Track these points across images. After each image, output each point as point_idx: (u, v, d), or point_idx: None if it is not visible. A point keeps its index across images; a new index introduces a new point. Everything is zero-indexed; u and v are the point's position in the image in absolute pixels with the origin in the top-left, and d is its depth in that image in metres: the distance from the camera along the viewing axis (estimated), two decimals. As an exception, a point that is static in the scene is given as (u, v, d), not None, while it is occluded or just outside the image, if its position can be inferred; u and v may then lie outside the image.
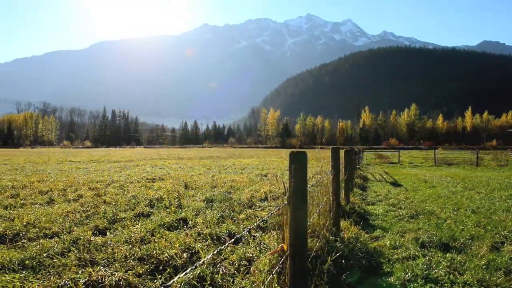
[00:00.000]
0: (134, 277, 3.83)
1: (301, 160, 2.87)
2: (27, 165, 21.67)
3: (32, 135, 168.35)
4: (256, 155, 43.50)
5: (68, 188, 10.63)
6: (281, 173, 15.97)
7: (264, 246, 4.77)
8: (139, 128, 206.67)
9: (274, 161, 27.40)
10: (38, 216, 6.56)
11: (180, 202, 8.24)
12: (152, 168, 19.63)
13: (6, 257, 4.33)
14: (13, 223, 6.05)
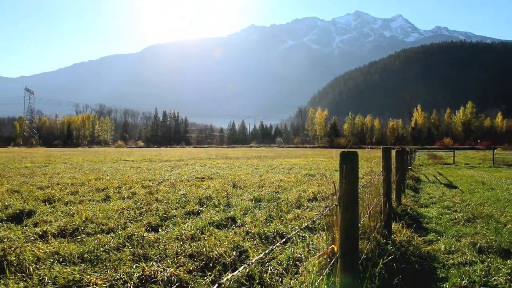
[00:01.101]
0: (185, 273, 3.92)
1: (353, 160, 2.80)
2: (85, 164, 22.85)
3: (89, 135, 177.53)
4: (304, 155, 43.21)
5: (123, 186, 11.10)
6: (329, 173, 15.76)
7: (313, 247, 4.72)
8: (188, 128, 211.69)
9: (321, 161, 27.08)
10: (96, 212, 6.90)
11: (229, 201, 8.35)
12: (201, 167, 20.04)
13: (66, 250, 4.59)
14: (73, 218, 6.40)
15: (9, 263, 4.12)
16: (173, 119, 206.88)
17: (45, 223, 6.19)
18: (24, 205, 7.65)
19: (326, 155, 39.46)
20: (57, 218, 6.53)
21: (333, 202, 3.55)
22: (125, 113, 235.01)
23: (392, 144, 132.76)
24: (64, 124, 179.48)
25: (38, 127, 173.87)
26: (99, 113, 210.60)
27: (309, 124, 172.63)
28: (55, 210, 7.37)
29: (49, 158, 30.40)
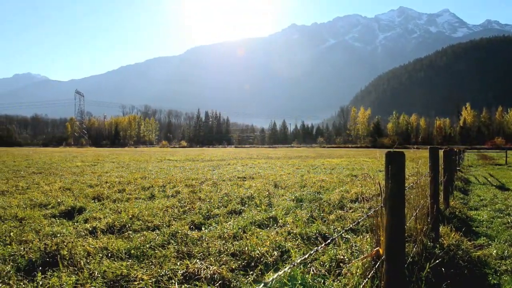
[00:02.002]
0: (227, 271, 3.96)
1: (399, 161, 2.72)
2: (131, 163, 23.65)
3: (135, 135, 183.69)
4: (346, 155, 42.51)
5: (167, 184, 11.39)
6: (372, 174, 15.40)
7: (356, 249, 4.64)
8: (230, 128, 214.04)
9: (364, 161, 26.53)
10: (142, 210, 7.13)
11: (270, 200, 8.36)
12: (242, 167, 20.19)
13: (115, 246, 4.77)
14: (120, 215, 6.64)
15: (62, 257, 4.33)
16: (215, 119, 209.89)
17: (95, 219, 6.47)
18: (75, 202, 8.03)
19: (369, 155, 38.61)
20: (105, 215, 6.81)
21: (378, 204, 3.46)
22: (169, 114, 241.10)
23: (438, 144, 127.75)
24: (111, 125, 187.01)
25: (88, 128, 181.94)
26: (144, 114, 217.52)
27: (351, 123, 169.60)
28: (104, 207, 7.68)
29: (98, 158, 31.73)
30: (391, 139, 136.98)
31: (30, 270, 4.08)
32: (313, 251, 2.33)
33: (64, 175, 14.90)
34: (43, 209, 7.50)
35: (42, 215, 6.84)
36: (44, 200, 8.37)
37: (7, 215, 6.79)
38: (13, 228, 5.82)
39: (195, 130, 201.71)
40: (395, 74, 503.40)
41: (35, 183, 11.91)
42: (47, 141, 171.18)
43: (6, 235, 5.32)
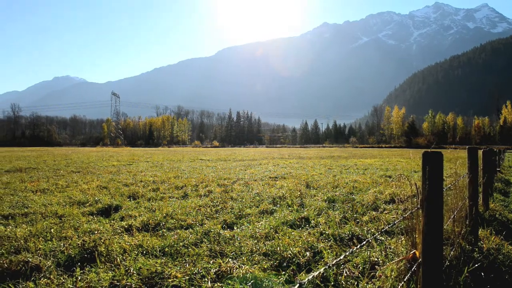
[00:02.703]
0: (259, 271, 3.97)
1: (437, 161, 2.64)
2: (165, 163, 24.10)
3: (169, 135, 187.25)
4: (379, 155, 41.69)
5: (200, 184, 11.53)
6: (407, 174, 15.03)
7: (391, 251, 4.53)
8: (261, 128, 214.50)
9: (399, 161, 25.91)
10: (175, 209, 7.25)
11: (302, 201, 8.30)
12: (274, 167, 20.17)
13: (149, 244, 4.88)
14: (155, 214, 6.79)
15: (99, 253, 4.47)
16: (247, 120, 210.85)
17: (130, 217, 6.64)
18: (112, 200, 8.28)
19: (404, 156, 37.69)
20: (140, 213, 6.97)
21: (413, 205, 3.37)
22: (201, 114, 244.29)
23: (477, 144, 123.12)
24: (146, 125, 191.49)
25: (123, 128, 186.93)
26: (177, 115, 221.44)
27: (385, 123, 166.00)
28: (139, 205, 7.87)
29: (133, 157, 32.54)
30: (426, 139, 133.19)
31: (70, 265, 4.23)
32: (348, 253, 2.29)
33: (101, 174, 15.37)
34: (82, 206, 7.77)
35: (80, 213, 7.09)
36: (82, 198, 8.66)
37: (47, 212, 7.08)
38: (53, 224, 6.05)
39: (227, 130, 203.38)
40: (431, 72, 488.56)
41: (74, 181, 12.35)
42: (85, 141, 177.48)
43: (47, 232, 5.54)
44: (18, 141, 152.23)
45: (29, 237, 5.27)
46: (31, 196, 9.04)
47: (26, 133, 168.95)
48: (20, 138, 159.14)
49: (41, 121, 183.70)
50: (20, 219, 6.58)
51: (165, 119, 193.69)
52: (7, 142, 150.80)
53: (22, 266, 4.07)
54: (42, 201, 8.27)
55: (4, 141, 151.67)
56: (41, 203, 8.02)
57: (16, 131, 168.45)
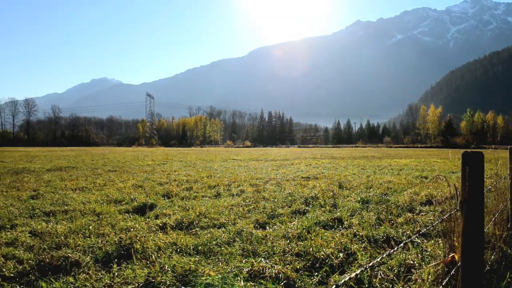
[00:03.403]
0: (292, 271, 3.95)
1: (477, 162, 2.54)
2: (198, 162, 24.43)
3: (201, 135, 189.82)
4: (415, 155, 40.58)
5: (232, 183, 11.62)
6: (444, 175, 14.57)
7: (427, 254, 4.41)
8: (293, 128, 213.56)
9: (435, 162, 25.15)
10: (208, 208, 7.34)
11: (335, 201, 8.21)
12: (306, 167, 20.04)
13: (183, 242, 4.96)
14: (188, 212, 6.90)
15: (135, 250, 4.59)
16: (278, 119, 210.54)
17: (165, 216, 6.78)
18: (147, 199, 8.47)
19: (440, 156, 36.55)
20: (174, 211, 7.11)
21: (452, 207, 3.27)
22: (233, 114, 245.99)
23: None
24: (179, 126, 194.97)
25: (157, 128, 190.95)
26: (209, 115, 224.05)
27: (420, 122, 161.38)
28: (173, 204, 8.02)
29: (167, 157, 33.17)
30: (464, 139, 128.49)
31: (107, 261, 4.36)
32: (385, 255, 2.24)
33: (137, 173, 15.76)
34: (118, 205, 8.00)
35: (117, 211, 7.30)
36: (118, 196, 8.92)
37: (86, 209, 7.34)
38: (92, 222, 6.26)
39: (259, 130, 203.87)
40: (469, 69, 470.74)
41: (110, 180, 12.73)
42: (120, 141, 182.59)
43: (86, 228, 5.74)
44: (58, 141, 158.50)
45: (69, 233, 5.47)
46: (71, 194, 9.39)
47: (65, 133, 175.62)
48: (60, 138, 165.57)
49: (80, 122, 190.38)
50: (61, 216, 6.85)
51: (198, 120, 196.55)
52: (48, 142, 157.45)
53: (63, 261, 4.23)
54: (81, 199, 8.57)
55: (45, 141, 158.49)
56: (80, 201, 8.31)
57: (56, 131, 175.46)
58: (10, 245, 4.96)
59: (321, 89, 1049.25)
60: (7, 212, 7.08)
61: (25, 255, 4.48)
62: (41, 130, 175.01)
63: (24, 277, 3.91)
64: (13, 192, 9.73)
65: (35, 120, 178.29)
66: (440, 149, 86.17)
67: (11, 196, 9.06)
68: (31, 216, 6.88)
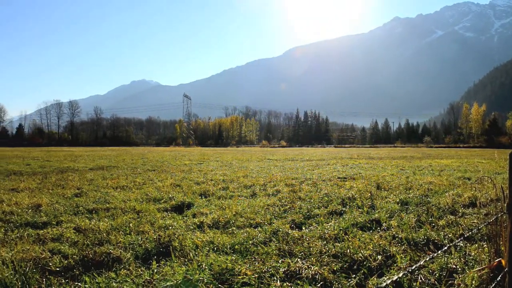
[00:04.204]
0: (329, 273, 3.91)
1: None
2: (233, 162, 24.63)
3: (237, 135, 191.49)
4: (457, 155, 39.13)
5: (268, 183, 11.63)
6: (488, 176, 13.96)
7: (471, 258, 4.25)
8: (329, 128, 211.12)
9: (479, 162, 24.13)
10: (244, 207, 7.39)
11: (373, 202, 8.04)
12: (342, 167, 19.77)
13: (220, 241, 5.02)
14: (225, 212, 6.98)
15: (173, 248, 4.69)
16: (314, 119, 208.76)
17: (202, 214, 6.89)
18: (184, 197, 8.64)
19: (484, 156, 35.03)
20: (211, 210, 7.21)
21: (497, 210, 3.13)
22: (268, 114, 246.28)
23: None
24: (215, 126, 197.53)
25: (194, 129, 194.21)
26: (245, 115, 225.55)
27: (462, 121, 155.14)
28: (210, 203, 8.13)
29: (204, 157, 33.66)
30: (510, 138, 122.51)
31: (146, 258, 4.48)
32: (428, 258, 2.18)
33: (174, 172, 16.09)
34: (157, 203, 8.20)
35: (156, 209, 7.48)
36: (157, 195, 9.14)
37: (126, 207, 7.57)
38: (132, 219, 6.46)
39: (294, 130, 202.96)
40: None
41: (149, 179, 13.07)
42: (159, 141, 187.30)
43: (126, 226, 5.93)
44: (100, 141, 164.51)
45: (110, 230, 5.66)
46: (112, 192, 9.71)
47: (107, 133, 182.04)
48: (102, 139, 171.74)
49: (120, 123, 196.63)
50: (103, 213, 7.10)
51: (234, 120, 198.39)
52: (91, 142, 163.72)
53: (105, 257, 4.39)
54: (121, 197, 8.85)
55: (88, 141, 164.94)
56: (121, 199, 8.59)
57: (98, 132, 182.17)
58: (56, 241, 5.19)
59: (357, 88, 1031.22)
60: (53, 209, 7.42)
61: (70, 251, 4.68)
62: (84, 130, 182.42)
63: (69, 272, 4.08)
64: (59, 190, 10.18)
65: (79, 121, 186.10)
66: (483, 149, 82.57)
67: (57, 194, 9.49)
68: (75, 213, 7.17)
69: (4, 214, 6.93)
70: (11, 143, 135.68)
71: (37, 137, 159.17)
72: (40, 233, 5.53)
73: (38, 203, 7.96)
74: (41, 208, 7.50)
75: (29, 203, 7.95)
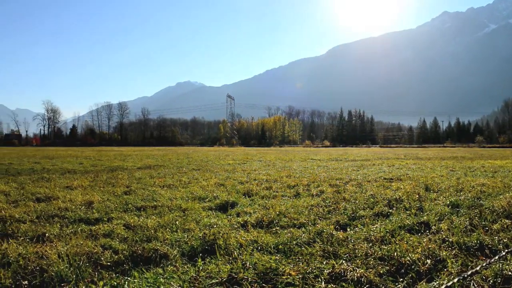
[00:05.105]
0: (375, 275, 3.82)
1: None
2: (277, 162, 24.63)
3: (280, 135, 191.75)
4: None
5: (311, 183, 11.53)
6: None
7: (529, 266, 4.00)
8: (374, 128, 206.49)
9: (538, 163, 22.65)
10: (287, 208, 7.37)
11: (421, 204, 7.77)
12: (388, 167, 19.24)
13: (264, 240, 5.04)
14: (268, 211, 6.99)
15: (218, 246, 4.76)
16: (359, 118, 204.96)
17: (245, 214, 6.95)
18: (228, 197, 8.74)
19: (544, 157, 32.83)
20: (255, 210, 7.25)
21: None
22: (311, 114, 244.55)
23: None
24: (258, 126, 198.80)
25: (238, 129, 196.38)
26: (288, 115, 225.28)
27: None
28: (253, 202, 8.18)
29: (247, 156, 33.91)
30: None
31: (192, 255, 4.58)
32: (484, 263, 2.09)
33: (218, 171, 16.34)
34: (202, 202, 8.36)
35: (201, 207, 7.63)
36: (202, 194, 9.32)
37: (173, 205, 7.78)
38: (178, 217, 6.62)
39: (338, 129, 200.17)
40: None
41: (194, 178, 13.35)
42: (203, 141, 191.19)
43: (173, 223, 6.09)
44: (147, 141, 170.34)
45: (158, 227, 5.84)
46: (159, 191, 10.01)
47: (153, 134, 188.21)
48: (149, 139, 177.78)
49: (166, 123, 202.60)
50: (150, 211, 7.34)
51: (277, 120, 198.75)
52: (139, 142, 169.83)
53: (153, 254, 4.53)
54: (168, 196, 9.10)
55: (136, 141, 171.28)
56: (168, 197, 8.83)
57: (145, 132, 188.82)
58: (107, 236, 5.42)
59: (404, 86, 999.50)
60: (104, 206, 7.75)
61: (120, 246, 4.87)
62: (132, 131, 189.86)
63: (119, 266, 4.25)
64: (109, 188, 10.62)
65: (127, 122, 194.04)
66: (543, 150, 77.38)
67: (107, 192, 9.90)
68: (125, 210, 7.46)
69: (59, 210, 7.32)
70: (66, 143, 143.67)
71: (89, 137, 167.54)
72: (92, 229, 5.79)
73: (90, 200, 8.35)
74: (93, 205, 7.85)
75: (82, 200, 8.36)
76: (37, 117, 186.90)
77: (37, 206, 7.76)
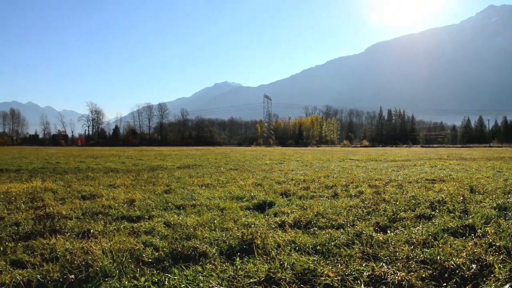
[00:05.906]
0: (417, 279, 3.72)
1: None
2: (314, 162, 24.43)
3: (317, 135, 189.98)
4: None
5: (350, 184, 11.36)
6: None
7: None
8: (415, 127, 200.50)
9: None
10: (326, 208, 7.30)
11: (466, 207, 7.47)
12: (431, 168, 18.62)
13: (301, 241, 5.03)
14: (306, 212, 6.96)
15: (256, 245, 4.79)
16: (399, 118, 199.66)
17: (283, 214, 6.95)
18: (266, 196, 8.77)
19: None
20: (292, 210, 7.24)
21: None
22: (350, 113, 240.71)
23: None
24: (295, 126, 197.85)
25: (275, 128, 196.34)
26: (326, 114, 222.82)
27: None
28: (291, 203, 8.16)
29: (284, 156, 33.85)
30: None
31: (230, 254, 4.64)
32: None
33: (256, 171, 16.41)
34: (239, 201, 8.44)
35: (238, 207, 7.70)
36: (240, 193, 9.41)
37: (211, 205, 7.90)
38: (216, 216, 6.72)
39: (377, 129, 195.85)
40: None
41: (232, 178, 13.48)
42: (240, 141, 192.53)
43: (211, 222, 6.19)
44: (186, 141, 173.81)
45: (197, 226, 5.95)
46: (198, 190, 10.19)
47: (192, 134, 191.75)
48: (188, 139, 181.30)
49: (204, 124, 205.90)
50: (190, 209, 7.48)
51: (314, 119, 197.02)
52: (178, 142, 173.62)
53: (192, 251, 4.62)
54: (206, 195, 9.25)
55: (176, 141, 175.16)
56: (206, 197, 8.97)
57: (184, 132, 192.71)
58: (148, 234, 5.59)
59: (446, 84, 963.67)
60: (145, 204, 7.99)
61: (160, 243, 5.01)
62: (172, 131, 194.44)
63: (160, 263, 4.37)
64: (150, 187, 10.93)
65: (167, 122, 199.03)
66: None
67: (148, 190, 10.19)
68: (165, 208, 7.65)
69: (103, 208, 7.62)
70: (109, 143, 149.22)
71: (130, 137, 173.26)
72: (134, 226, 5.99)
73: (132, 198, 8.63)
74: (134, 203, 8.12)
75: (125, 198, 8.65)
76: (82, 118, 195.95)
77: (83, 204, 8.12)
